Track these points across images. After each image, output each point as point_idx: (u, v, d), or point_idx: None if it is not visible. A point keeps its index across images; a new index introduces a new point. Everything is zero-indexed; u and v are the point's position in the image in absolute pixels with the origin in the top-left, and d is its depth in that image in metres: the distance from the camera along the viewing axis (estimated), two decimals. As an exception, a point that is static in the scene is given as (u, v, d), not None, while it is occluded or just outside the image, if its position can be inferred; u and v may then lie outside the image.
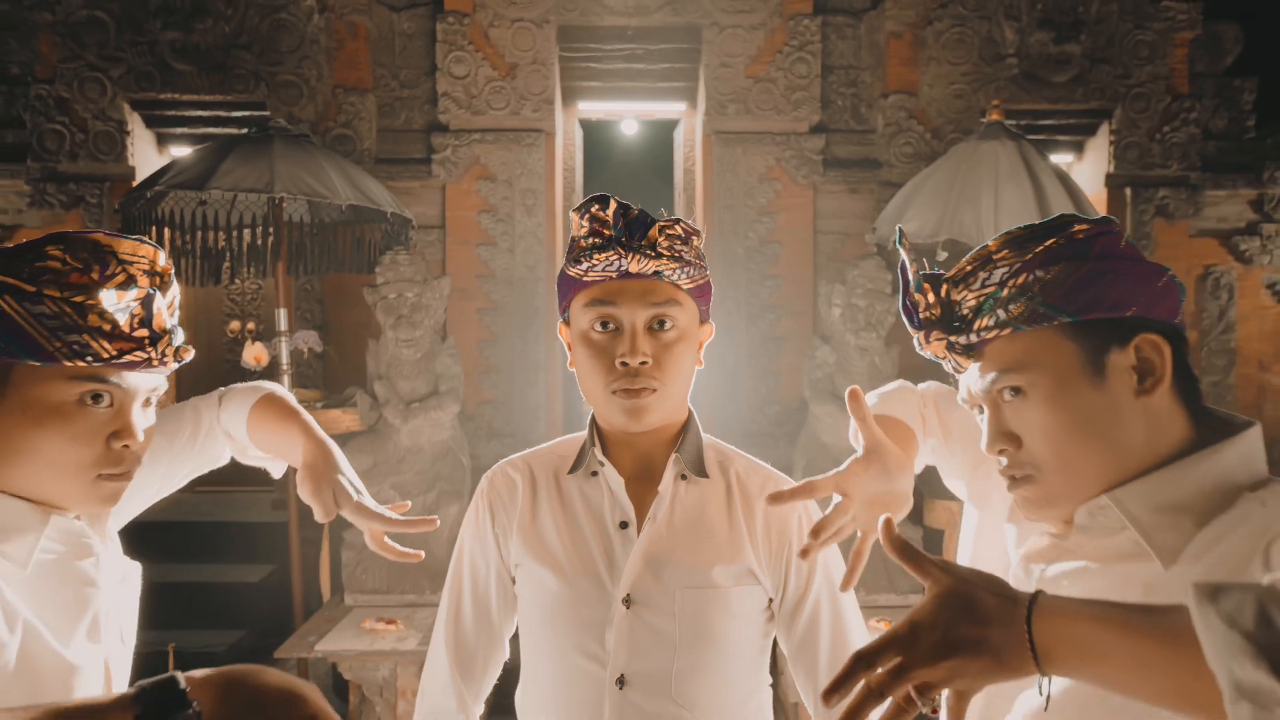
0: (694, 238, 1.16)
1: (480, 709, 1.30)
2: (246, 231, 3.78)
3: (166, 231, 3.55)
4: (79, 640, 0.95)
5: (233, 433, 1.19)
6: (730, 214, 5.39)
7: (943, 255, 3.72)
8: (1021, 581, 0.92)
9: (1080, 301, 0.83)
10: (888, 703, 0.71)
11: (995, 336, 0.86)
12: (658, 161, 7.70)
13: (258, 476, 1.35)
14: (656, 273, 1.12)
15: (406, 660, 2.94)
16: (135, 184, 5.30)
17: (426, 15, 5.44)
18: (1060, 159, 5.89)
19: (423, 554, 1.13)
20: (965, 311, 0.88)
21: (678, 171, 6.05)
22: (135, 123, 5.40)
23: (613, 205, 1.12)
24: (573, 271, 1.15)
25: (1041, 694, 0.80)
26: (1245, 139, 5.74)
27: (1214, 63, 5.74)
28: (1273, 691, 0.56)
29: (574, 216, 1.16)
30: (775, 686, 1.32)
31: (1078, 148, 5.82)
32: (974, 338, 0.87)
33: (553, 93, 5.32)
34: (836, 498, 0.98)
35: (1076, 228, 0.86)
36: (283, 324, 3.59)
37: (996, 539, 1.01)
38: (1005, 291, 0.85)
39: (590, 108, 5.92)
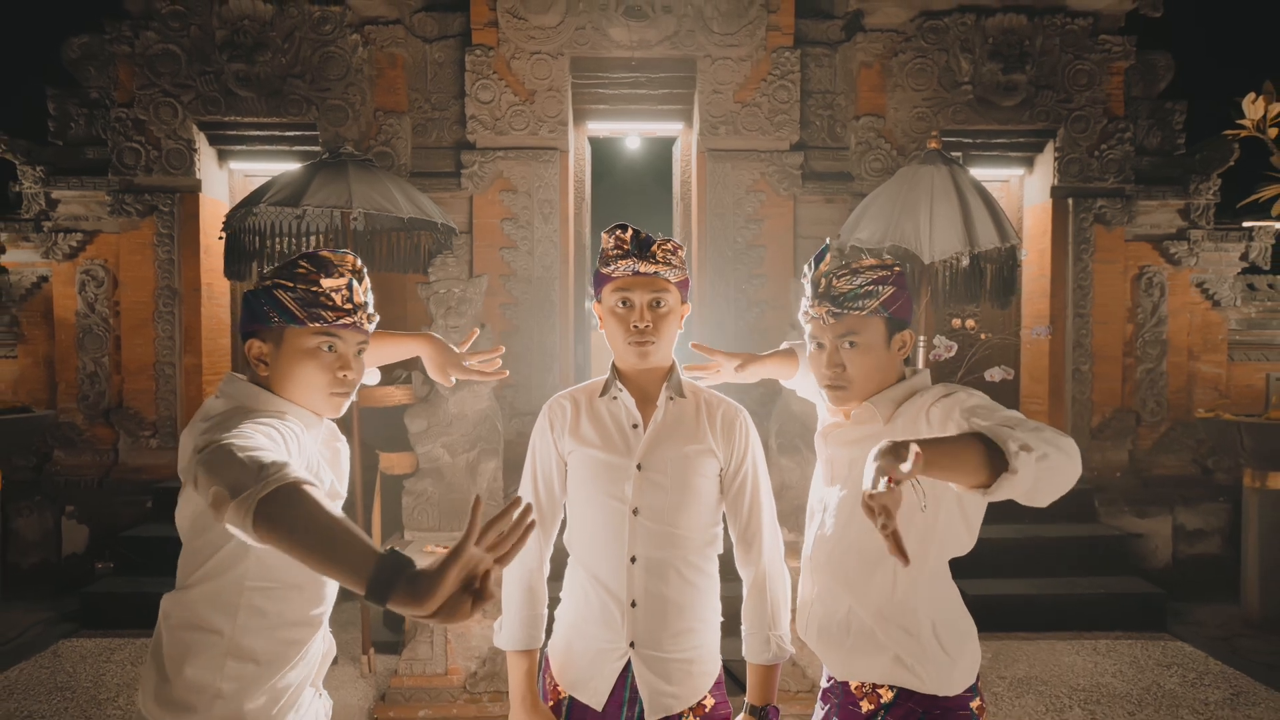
0: (679, 250, 1.91)
1: (549, 551, 2.04)
2: (322, 237, 4.52)
3: (270, 242, 4.27)
4: (342, 488, 1.74)
5: None
6: (721, 221, 6.13)
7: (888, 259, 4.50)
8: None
9: (893, 308, 1.71)
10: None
11: (855, 314, 1.70)
12: (657, 173, 8.40)
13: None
14: (656, 272, 1.86)
15: (458, 579, 3.67)
16: (198, 194, 6.11)
17: (456, 47, 6.19)
18: (1011, 173, 6.63)
19: (507, 372, 2.04)
20: (837, 294, 1.71)
21: (676, 183, 6.73)
22: (201, 141, 6.14)
23: (630, 231, 1.87)
24: (604, 271, 1.90)
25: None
26: (1175, 155, 6.45)
27: (1149, 87, 6.45)
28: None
29: (604, 235, 1.91)
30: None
31: (1028, 163, 6.51)
32: (845, 312, 1.70)
33: (566, 115, 6.05)
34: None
35: (895, 268, 1.73)
36: (348, 315, 4.31)
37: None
38: (861, 291, 1.69)
39: (599, 127, 6.61)
